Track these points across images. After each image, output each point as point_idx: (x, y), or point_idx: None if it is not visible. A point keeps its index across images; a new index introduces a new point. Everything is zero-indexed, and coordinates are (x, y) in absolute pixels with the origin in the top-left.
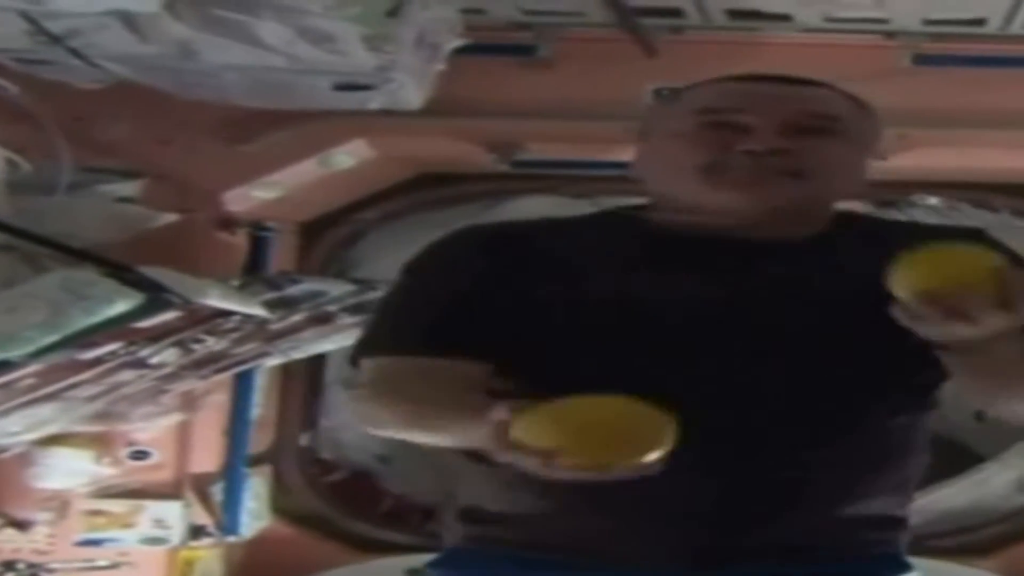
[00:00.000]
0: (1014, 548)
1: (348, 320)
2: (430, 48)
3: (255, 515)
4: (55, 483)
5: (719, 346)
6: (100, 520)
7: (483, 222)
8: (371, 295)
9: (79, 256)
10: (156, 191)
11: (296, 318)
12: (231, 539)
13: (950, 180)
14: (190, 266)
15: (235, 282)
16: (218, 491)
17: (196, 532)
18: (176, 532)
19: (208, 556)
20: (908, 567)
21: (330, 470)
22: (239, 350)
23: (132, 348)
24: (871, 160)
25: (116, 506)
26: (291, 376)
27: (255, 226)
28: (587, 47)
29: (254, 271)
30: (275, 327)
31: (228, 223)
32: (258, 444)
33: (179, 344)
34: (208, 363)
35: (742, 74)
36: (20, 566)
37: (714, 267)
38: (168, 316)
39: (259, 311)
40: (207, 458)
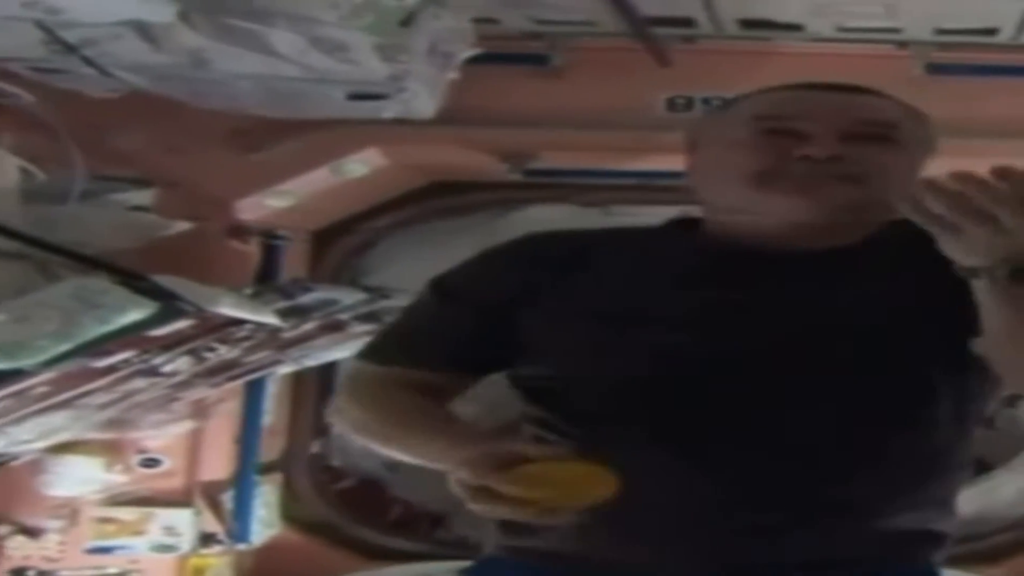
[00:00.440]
0: (1022, 556)
1: (360, 328)
2: (443, 57)
3: (265, 523)
4: (66, 490)
5: (768, 362)
6: (110, 527)
7: (543, 232)
8: (383, 303)
9: (92, 264)
10: (169, 200)
11: (308, 326)
12: (241, 547)
13: None
14: (202, 274)
15: (247, 290)
16: (228, 499)
17: (206, 540)
18: (186, 540)
19: (218, 564)
20: None
21: (340, 478)
22: (251, 358)
23: (145, 356)
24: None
25: (126, 514)
26: (302, 384)
27: (267, 234)
28: (599, 56)
29: (266, 279)
30: (287, 335)
31: (240, 231)
32: (269, 452)
33: (192, 352)
34: (220, 371)
35: (798, 82)
36: (30, 573)
37: (766, 281)
38: (181, 324)
39: (271, 319)
40: (218, 466)
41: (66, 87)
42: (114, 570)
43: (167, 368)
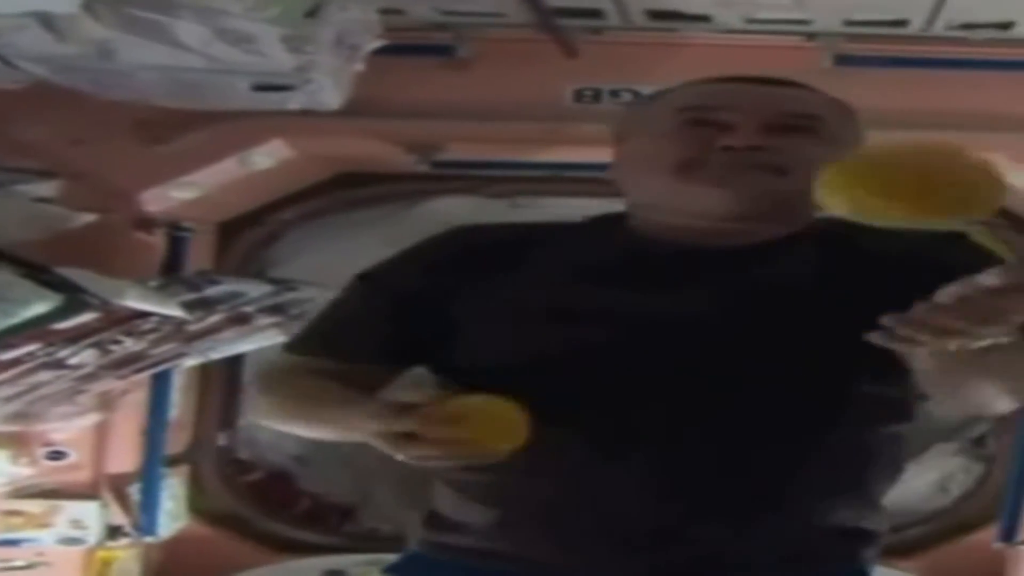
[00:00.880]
0: (935, 550)
1: (266, 320)
2: (349, 49)
3: (173, 515)
4: None
5: (687, 360)
6: (17, 520)
7: (472, 224)
8: (289, 295)
9: None
10: (74, 191)
11: (214, 319)
12: (149, 539)
13: None
14: (108, 267)
15: (153, 283)
16: (135, 491)
17: (113, 532)
18: (93, 532)
19: (125, 556)
20: None
21: (247, 470)
22: (157, 351)
23: (50, 349)
24: None
25: (33, 506)
26: (209, 376)
27: (173, 226)
28: (506, 47)
29: (172, 271)
30: (193, 328)
31: (146, 223)
32: (176, 444)
33: (97, 345)
34: (126, 363)
35: (725, 75)
36: None
37: (687, 277)
38: (86, 317)
39: (177, 312)
40: (124, 458)
41: None
42: (21, 563)
43: (73, 361)
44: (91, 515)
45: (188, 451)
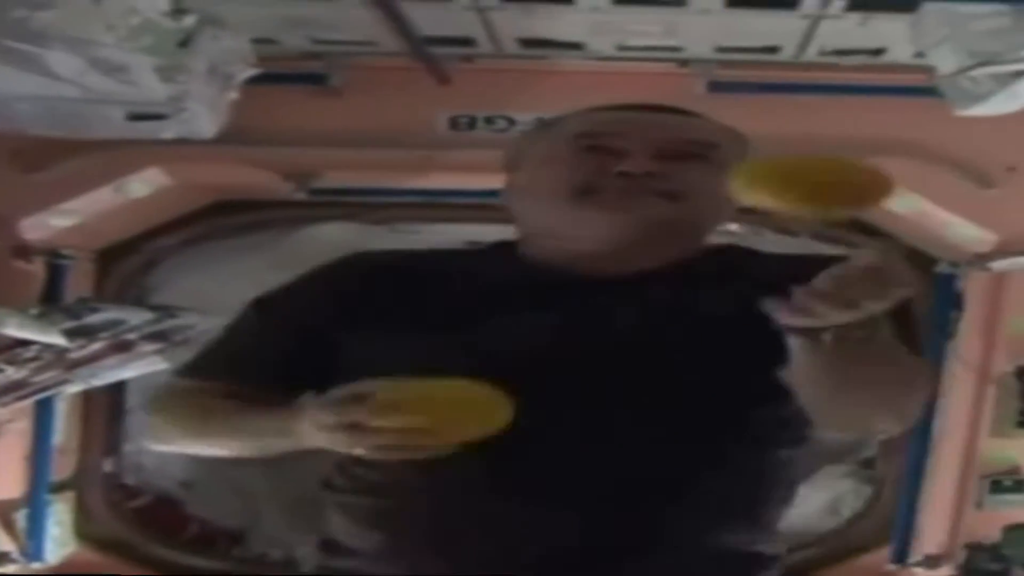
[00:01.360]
0: (826, 571)
1: (148, 347)
2: (223, 78)
3: (59, 541)
4: None
5: (579, 385)
6: None
7: (366, 251)
8: (170, 322)
9: None
10: None
11: (96, 346)
12: (36, 565)
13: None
14: None
15: (33, 311)
16: (21, 517)
17: (1, 559)
18: None
19: None
20: None
21: (134, 495)
22: (39, 378)
23: None
24: None
25: None
26: (93, 402)
27: (52, 254)
28: (379, 76)
29: (52, 299)
30: (75, 355)
31: (24, 251)
32: (61, 470)
33: None
34: (8, 391)
35: (621, 103)
36: None
37: (581, 304)
38: None
39: (58, 340)
40: (10, 485)
41: None
42: None
43: None
44: None
45: (74, 477)
